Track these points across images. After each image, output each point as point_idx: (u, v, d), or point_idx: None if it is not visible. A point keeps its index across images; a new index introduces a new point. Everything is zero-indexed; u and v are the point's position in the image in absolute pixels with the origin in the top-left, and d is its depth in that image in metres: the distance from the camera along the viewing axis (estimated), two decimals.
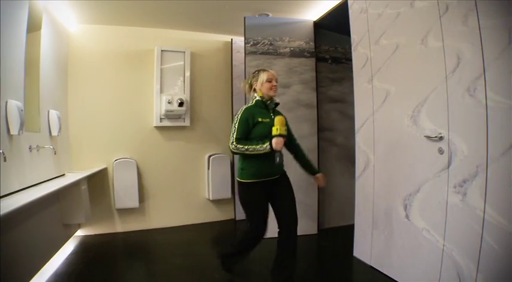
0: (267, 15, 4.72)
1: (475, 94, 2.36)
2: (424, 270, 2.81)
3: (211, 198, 5.30)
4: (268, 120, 2.86)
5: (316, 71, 4.71)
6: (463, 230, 2.45)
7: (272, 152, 2.70)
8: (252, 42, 4.57)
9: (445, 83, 2.61)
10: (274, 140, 2.69)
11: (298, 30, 4.68)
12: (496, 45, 2.22)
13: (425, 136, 2.77)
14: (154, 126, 5.13)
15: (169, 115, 5.07)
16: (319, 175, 3.21)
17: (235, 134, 2.82)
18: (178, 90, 5.18)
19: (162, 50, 5.08)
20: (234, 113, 5.41)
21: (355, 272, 3.50)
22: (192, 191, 5.40)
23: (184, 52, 5.22)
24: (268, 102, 2.95)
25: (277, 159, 2.71)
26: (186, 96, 5.13)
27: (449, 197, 2.56)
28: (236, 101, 5.40)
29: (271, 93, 2.94)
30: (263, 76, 2.96)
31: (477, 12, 2.34)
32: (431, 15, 2.72)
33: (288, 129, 2.95)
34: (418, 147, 2.83)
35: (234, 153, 2.85)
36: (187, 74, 5.22)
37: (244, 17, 4.57)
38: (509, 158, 2.15)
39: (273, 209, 3.01)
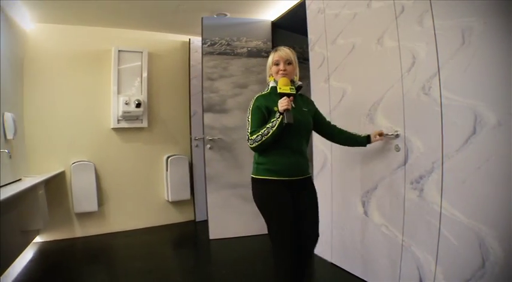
0: (225, 15, 4.62)
1: (430, 93, 2.38)
2: (384, 265, 2.81)
3: (170, 200, 5.14)
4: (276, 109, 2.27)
5: None
6: (421, 225, 2.47)
7: (282, 122, 2.15)
8: (209, 43, 4.47)
9: (401, 82, 2.62)
10: (280, 101, 2.18)
11: (256, 30, 4.62)
12: (450, 45, 2.23)
13: None
14: (112, 128, 4.90)
15: (126, 116, 4.86)
16: (376, 135, 2.69)
17: (249, 128, 2.32)
18: (136, 91, 4.99)
19: (119, 50, 4.87)
20: (192, 114, 5.30)
21: (316, 270, 3.46)
22: (151, 192, 5.21)
23: (141, 52, 5.03)
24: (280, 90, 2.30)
25: (285, 119, 2.11)
26: (143, 97, 4.95)
27: (407, 193, 2.58)
28: (194, 101, 5.27)
29: (278, 78, 2.38)
30: (270, 58, 2.50)
31: (432, 13, 2.35)
32: (388, 15, 2.72)
33: (318, 113, 2.59)
34: (375, 145, 2.82)
35: (255, 149, 2.32)
36: (145, 74, 5.03)
37: (202, 18, 4.46)
38: (463, 154, 2.17)
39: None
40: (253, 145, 2.27)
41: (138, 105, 4.81)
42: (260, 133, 2.23)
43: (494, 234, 2.00)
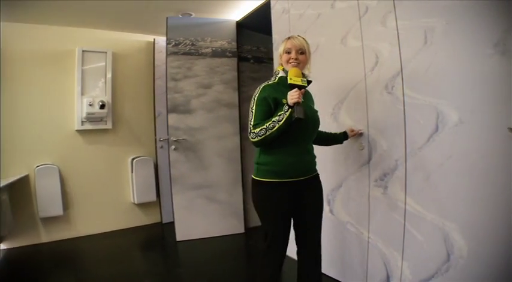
0: (190, 15, 4.51)
1: (393, 91, 2.39)
2: (351, 262, 2.80)
3: (136, 202, 4.96)
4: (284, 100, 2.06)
5: (238, 71, 4.60)
6: (386, 222, 2.47)
7: (291, 115, 1.95)
8: (173, 43, 4.35)
9: (364, 81, 2.62)
10: (289, 93, 1.97)
11: (221, 30, 4.53)
12: (413, 45, 2.25)
13: None
14: (76, 130, 4.67)
15: (90, 118, 4.65)
16: (350, 131, 2.64)
17: (252, 120, 2.06)
18: (100, 92, 4.77)
19: (83, 51, 4.64)
20: (156, 115, 5.16)
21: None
22: (117, 195, 5.01)
23: (106, 52, 4.82)
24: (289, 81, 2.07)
25: (295, 114, 1.91)
26: (107, 98, 4.75)
27: (371, 191, 2.57)
28: (158, 102, 5.12)
29: (289, 67, 2.17)
30: (282, 45, 2.23)
31: (395, 13, 2.35)
32: (352, 16, 2.71)
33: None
34: (340, 144, 2.79)
35: (257, 144, 2.08)
36: (109, 75, 4.83)
37: (167, 17, 4.34)
38: (426, 152, 2.19)
39: (294, 221, 2.28)
40: (255, 139, 2.02)
41: (102, 106, 4.62)
42: (264, 127, 1.99)
43: (458, 228, 2.02)
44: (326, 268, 3.07)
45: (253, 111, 2.08)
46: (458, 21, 2.00)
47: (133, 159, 5.01)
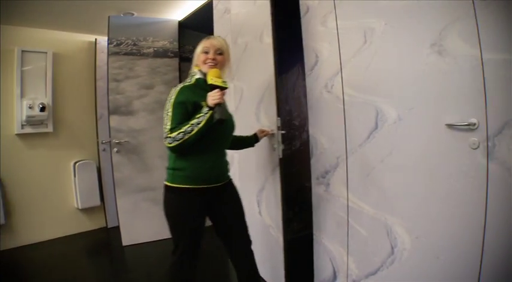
0: (132, 14, 4.29)
1: (333, 90, 2.36)
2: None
3: (80, 207, 4.64)
4: (202, 103, 1.97)
5: (180, 71, 4.45)
6: (329, 218, 2.44)
7: (212, 117, 1.88)
8: (115, 43, 4.12)
9: (303, 80, 2.58)
10: (210, 94, 1.90)
11: (163, 30, 4.35)
12: (353, 44, 2.22)
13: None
14: (16, 134, 4.29)
15: (31, 121, 4.29)
16: (260, 133, 2.56)
17: (168, 124, 1.91)
18: (40, 94, 4.42)
19: (22, 51, 4.28)
20: (98, 117, 4.85)
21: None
22: (60, 200, 4.66)
23: (46, 53, 4.47)
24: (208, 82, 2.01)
25: (217, 115, 1.86)
26: (48, 100, 4.41)
27: (314, 188, 2.53)
28: (100, 104, 4.81)
29: (205, 68, 2.07)
30: (200, 45, 2.13)
31: (336, 13, 2.32)
32: None
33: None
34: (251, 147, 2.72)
35: (174, 150, 1.92)
36: (50, 76, 4.48)
37: (109, 16, 4.10)
38: (366, 149, 2.18)
39: (217, 230, 2.23)
40: (172, 144, 1.87)
41: (43, 109, 4.27)
42: (182, 130, 1.85)
43: (400, 222, 2.03)
44: (263, 271, 2.98)
45: (170, 114, 1.93)
46: (397, 22, 2.00)
47: (75, 163, 4.70)
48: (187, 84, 2.06)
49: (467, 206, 1.73)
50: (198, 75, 2.09)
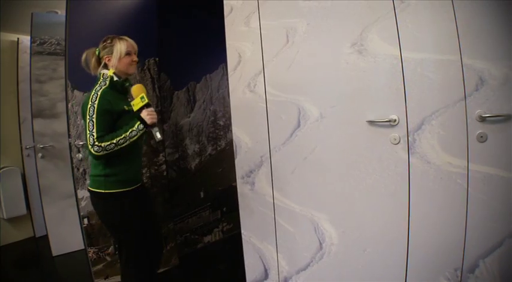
0: (56, 13, 3.89)
1: (255, 90, 2.25)
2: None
3: (5, 217, 4.09)
4: (126, 107, 1.91)
5: None
6: (257, 217, 2.33)
7: (144, 132, 1.84)
8: (39, 41, 3.72)
9: (227, 80, 2.48)
10: (144, 113, 1.82)
11: None
12: (275, 44, 2.13)
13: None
14: None
15: None
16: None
17: (94, 131, 1.76)
18: None
19: None
20: (21, 121, 4.27)
21: None
22: None
23: None
24: (127, 84, 1.97)
25: (158, 134, 1.81)
26: None
27: (239, 188, 2.40)
28: (23, 107, 4.23)
29: (131, 70, 1.99)
30: (121, 47, 1.93)
31: (259, 13, 2.21)
32: None
33: None
34: None
35: (99, 158, 1.79)
36: None
37: (32, 13, 3.68)
38: (290, 147, 2.11)
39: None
40: (101, 153, 1.74)
41: None
42: (114, 142, 1.75)
43: (326, 217, 2.00)
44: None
45: (94, 120, 1.76)
46: (319, 22, 1.96)
47: None
48: (104, 88, 1.86)
49: (391, 199, 1.78)
50: (111, 77, 1.92)
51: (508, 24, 1.57)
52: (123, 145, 1.77)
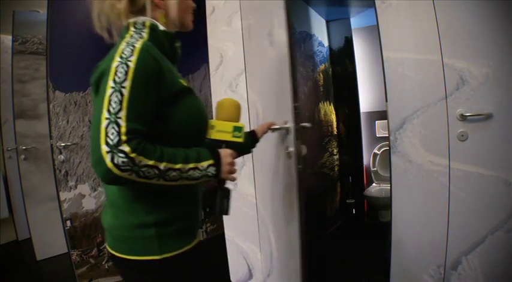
0: (38, 12, 3.75)
1: (237, 90, 2.24)
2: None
3: None
4: (186, 84, 1.02)
5: None
6: (240, 217, 2.29)
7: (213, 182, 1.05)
8: (20, 40, 3.59)
9: (209, 81, 2.40)
10: (224, 153, 1.02)
11: None
12: (256, 43, 2.08)
13: None
14: None
15: None
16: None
17: (122, 116, 0.81)
18: None
19: None
20: (2, 122, 4.06)
21: None
22: None
23: None
24: (177, 44, 1.09)
25: (225, 204, 1.08)
26: None
27: None
28: (4, 108, 4.07)
29: (189, 20, 1.14)
30: None
31: (241, 13, 2.17)
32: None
33: None
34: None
35: (117, 181, 0.81)
36: None
37: (13, 11, 3.56)
38: (270, 146, 2.03)
39: None
40: (124, 172, 0.80)
41: None
42: (160, 166, 0.84)
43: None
44: None
45: (126, 93, 0.83)
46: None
47: None
48: (144, 40, 0.94)
49: None
50: (161, 27, 1.02)
51: (488, 24, 1.58)
52: (170, 183, 0.88)
